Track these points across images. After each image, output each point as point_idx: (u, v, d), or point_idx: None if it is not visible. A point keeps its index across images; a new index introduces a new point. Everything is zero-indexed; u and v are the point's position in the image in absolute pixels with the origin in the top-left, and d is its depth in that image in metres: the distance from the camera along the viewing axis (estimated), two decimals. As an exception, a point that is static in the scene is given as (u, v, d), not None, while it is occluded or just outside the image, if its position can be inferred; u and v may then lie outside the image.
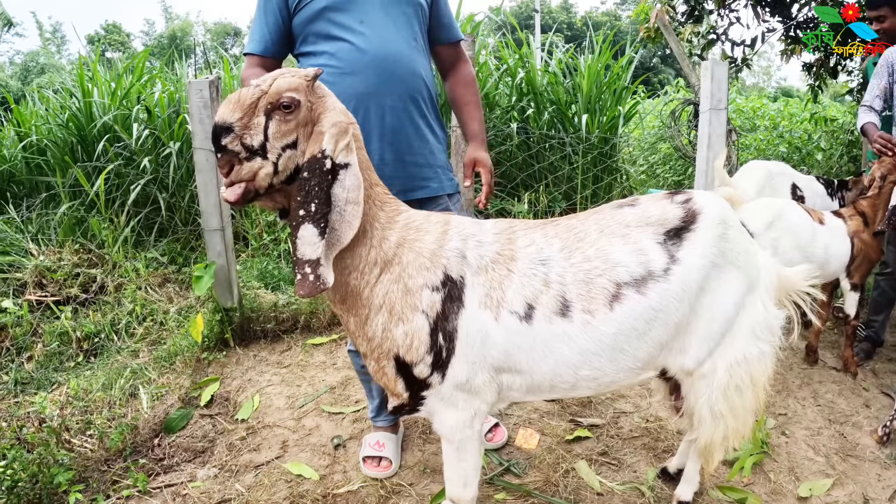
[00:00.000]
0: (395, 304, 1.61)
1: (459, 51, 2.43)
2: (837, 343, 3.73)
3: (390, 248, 1.62)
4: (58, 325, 3.85)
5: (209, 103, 3.10)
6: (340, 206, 1.50)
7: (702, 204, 1.73)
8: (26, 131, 5.52)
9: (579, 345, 1.63)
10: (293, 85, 1.50)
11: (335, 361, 3.44)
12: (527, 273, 1.63)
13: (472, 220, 1.76)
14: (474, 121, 2.39)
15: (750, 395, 1.83)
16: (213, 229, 3.29)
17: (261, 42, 2.17)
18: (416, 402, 1.72)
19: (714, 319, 1.74)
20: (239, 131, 1.47)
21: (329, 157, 1.50)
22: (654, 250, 1.66)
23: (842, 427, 2.83)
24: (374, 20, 2.10)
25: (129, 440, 2.71)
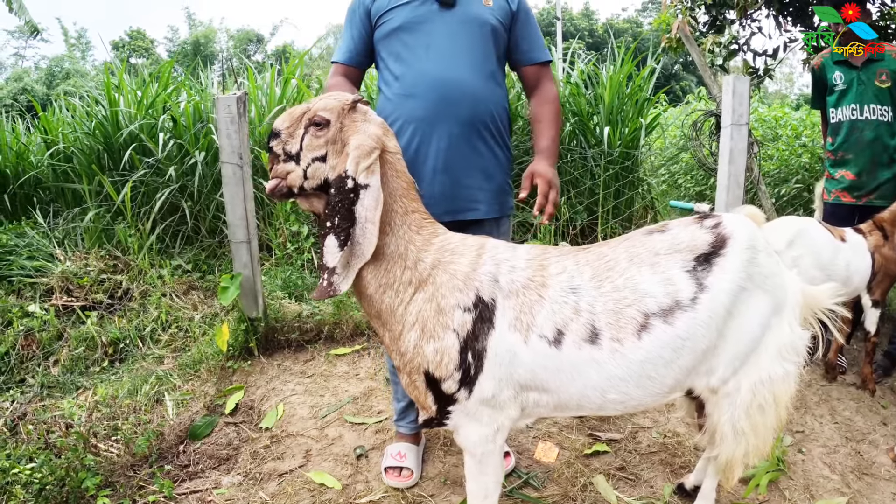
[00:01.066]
0: (428, 323, 1.69)
1: (543, 72, 2.42)
2: (857, 360, 3.71)
3: (425, 269, 1.71)
4: (84, 330, 3.94)
5: (236, 118, 3.16)
6: (362, 223, 1.65)
7: (731, 229, 1.76)
8: (53, 138, 5.64)
9: (607, 371, 1.67)
10: (328, 106, 1.71)
11: (358, 372, 3.49)
12: (557, 300, 1.68)
13: (506, 244, 1.83)
14: (544, 137, 2.37)
15: (772, 413, 1.85)
16: (239, 241, 3.35)
17: (346, 52, 2.32)
18: (443, 416, 1.78)
19: (740, 341, 1.77)
20: (284, 138, 1.75)
21: (351, 177, 1.63)
22: (682, 279, 1.70)
23: (858, 445, 2.83)
24: (441, 44, 2.17)
25: (154, 446, 2.77)
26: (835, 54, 3.66)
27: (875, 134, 3.51)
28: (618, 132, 5.46)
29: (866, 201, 3.58)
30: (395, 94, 2.22)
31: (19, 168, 5.70)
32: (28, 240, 4.81)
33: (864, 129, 3.54)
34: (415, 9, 2.19)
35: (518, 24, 2.34)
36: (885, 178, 3.54)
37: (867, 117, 3.52)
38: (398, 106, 2.20)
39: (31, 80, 19.91)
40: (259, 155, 4.87)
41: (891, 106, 3.51)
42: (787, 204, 6.20)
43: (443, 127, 2.17)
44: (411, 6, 2.20)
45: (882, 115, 3.50)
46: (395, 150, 1.79)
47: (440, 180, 2.21)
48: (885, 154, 3.53)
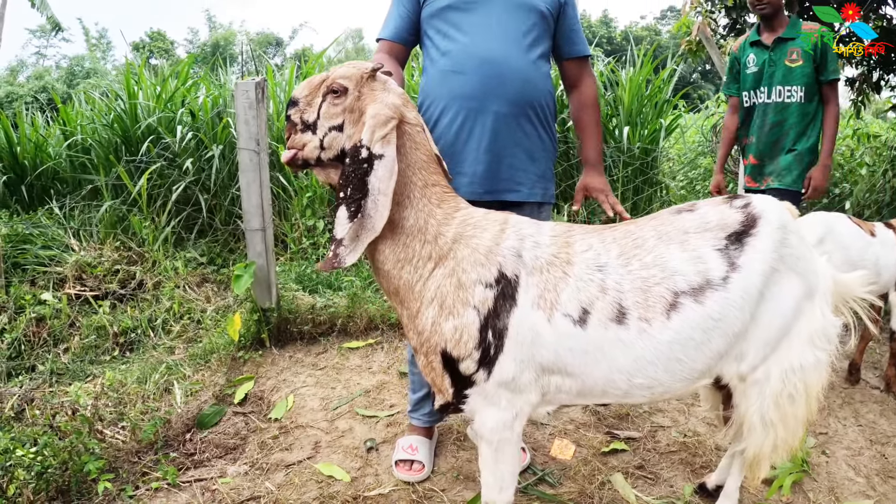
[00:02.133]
0: (447, 298, 1.62)
1: (584, 67, 2.39)
2: (880, 363, 3.62)
3: (446, 244, 1.65)
4: (95, 319, 3.92)
5: (254, 104, 3.13)
6: (374, 195, 1.58)
7: (762, 208, 1.69)
8: (72, 130, 5.66)
9: (635, 352, 1.60)
10: (346, 74, 1.66)
11: (371, 366, 3.42)
12: (583, 278, 1.61)
13: (530, 220, 1.76)
14: (590, 146, 2.37)
15: (802, 404, 1.77)
16: (254, 229, 3.31)
17: (392, 29, 2.29)
18: (460, 400, 1.71)
19: (772, 325, 1.70)
20: (302, 106, 1.70)
21: (366, 147, 1.57)
22: (713, 258, 1.63)
23: (883, 448, 2.74)
24: (491, 25, 2.14)
25: (161, 433, 2.72)
26: (752, 35, 3.50)
27: (780, 116, 3.36)
28: (637, 133, 5.40)
29: (766, 184, 3.44)
30: (440, 71, 2.19)
31: (37, 159, 5.74)
32: (43, 229, 4.81)
33: (770, 111, 3.39)
34: None
35: (565, 17, 2.30)
36: (786, 161, 3.37)
37: (774, 99, 3.36)
38: (444, 82, 2.17)
39: (52, 78, 20.12)
40: (277, 149, 4.85)
41: (801, 86, 3.31)
42: (807, 210, 6.14)
43: (490, 105, 2.13)
44: None
45: (789, 96, 3.33)
46: (415, 122, 1.72)
47: (484, 159, 2.17)
48: (787, 137, 3.36)
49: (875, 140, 6.61)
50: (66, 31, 19.19)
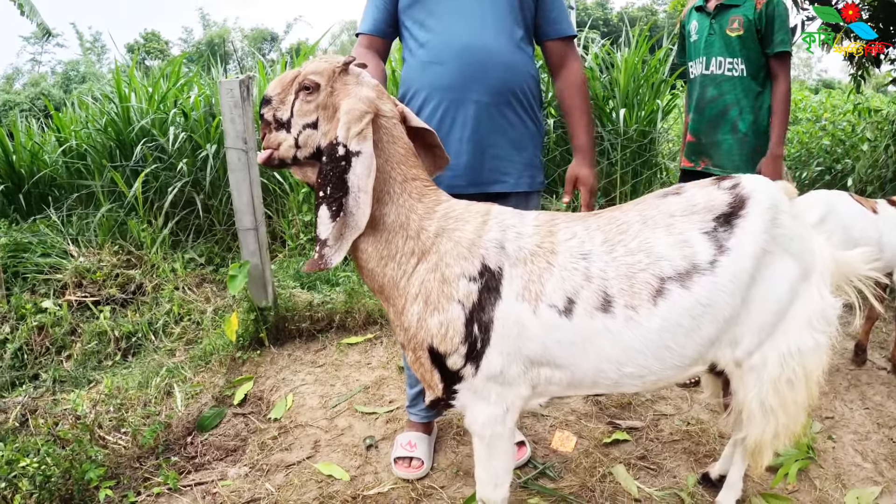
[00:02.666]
0: (432, 294, 1.59)
1: (569, 48, 2.31)
2: (886, 343, 3.58)
3: (428, 238, 1.62)
4: (96, 324, 3.91)
5: (240, 102, 3.10)
6: (354, 192, 1.55)
7: (751, 188, 1.64)
8: (66, 136, 5.65)
9: (622, 341, 1.57)
10: (318, 69, 1.62)
11: (370, 361, 3.41)
12: (567, 267, 1.58)
13: (513, 210, 1.73)
14: (581, 131, 2.28)
15: (802, 388, 1.73)
16: (246, 228, 3.29)
17: (371, 22, 2.25)
18: (449, 396, 1.69)
19: (766, 309, 1.65)
20: (275, 104, 1.67)
21: (342, 144, 1.54)
22: (700, 241, 1.59)
23: (891, 431, 2.71)
24: (468, 11, 2.09)
25: (161, 438, 2.72)
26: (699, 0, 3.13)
27: (718, 91, 3.00)
28: (634, 115, 5.36)
29: (704, 167, 3.09)
30: (420, 62, 2.15)
31: (33, 167, 5.71)
32: (42, 237, 4.80)
33: (708, 85, 3.04)
34: None
35: None
36: (727, 143, 3.02)
37: (713, 71, 3.02)
38: (423, 73, 2.13)
39: (48, 84, 20.11)
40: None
41: (742, 58, 2.96)
42: (808, 188, 6.10)
43: (471, 95, 2.09)
44: None
45: (730, 69, 2.98)
46: (391, 115, 1.67)
47: (466, 150, 2.13)
48: (728, 115, 3.00)
49: (876, 115, 6.54)
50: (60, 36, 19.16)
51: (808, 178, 6.13)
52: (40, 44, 17.39)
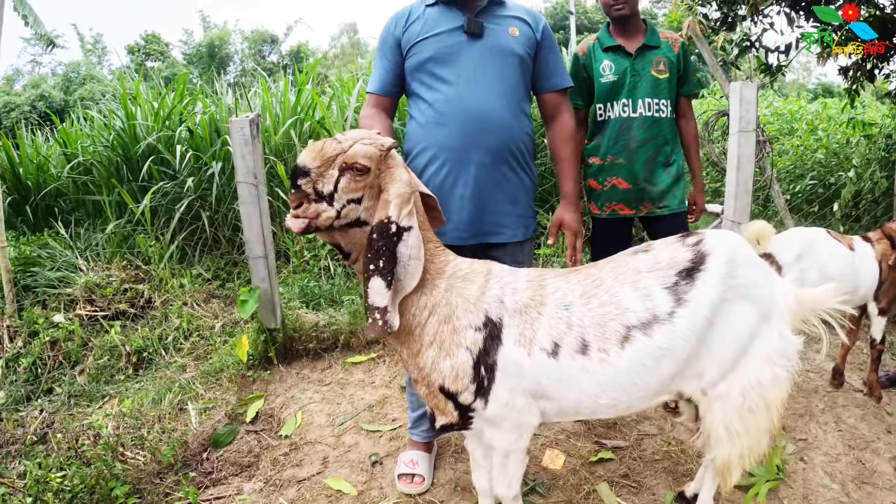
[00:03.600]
0: (445, 342, 1.84)
1: (563, 99, 2.52)
2: (864, 365, 3.72)
3: (439, 294, 1.86)
4: (107, 339, 4.06)
5: (250, 140, 3.27)
6: (405, 261, 1.77)
7: (711, 245, 1.89)
8: (73, 151, 5.79)
9: (597, 378, 1.84)
10: (368, 153, 1.77)
11: (373, 380, 3.60)
12: (553, 316, 1.85)
13: (509, 269, 1.97)
14: (568, 179, 2.50)
15: (764, 416, 1.97)
16: (256, 256, 3.47)
17: (378, 83, 2.43)
18: (466, 423, 1.95)
19: (727, 348, 1.90)
20: (314, 177, 1.76)
21: (395, 223, 1.75)
22: (661, 295, 1.85)
23: (861, 453, 2.87)
24: (470, 75, 2.28)
25: (179, 454, 2.89)
26: (605, 38, 3.05)
27: (648, 133, 2.97)
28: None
29: (648, 211, 3.07)
30: (426, 122, 2.33)
31: (40, 180, 5.86)
32: (51, 251, 4.94)
33: (637, 128, 2.98)
34: (444, 39, 2.30)
35: (542, 52, 2.43)
36: (666, 182, 3.04)
37: (641, 113, 2.97)
38: (429, 133, 2.32)
39: (49, 86, 20.11)
40: (274, 165, 4.99)
41: (668, 99, 2.99)
42: (802, 201, 6.19)
43: (473, 156, 2.29)
44: (440, 37, 2.30)
45: (658, 111, 2.98)
46: (419, 186, 1.91)
47: (468, 206, 2.33)
48: (662, 155, 3.01)
49: (870, 128, 6.63)
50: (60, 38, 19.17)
51: (802, 191, 6.20)
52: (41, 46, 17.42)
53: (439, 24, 2.31)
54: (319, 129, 5.49)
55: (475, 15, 2.31)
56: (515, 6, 2.43)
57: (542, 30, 2.42)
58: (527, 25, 2.39)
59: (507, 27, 2.34)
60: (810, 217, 5.83)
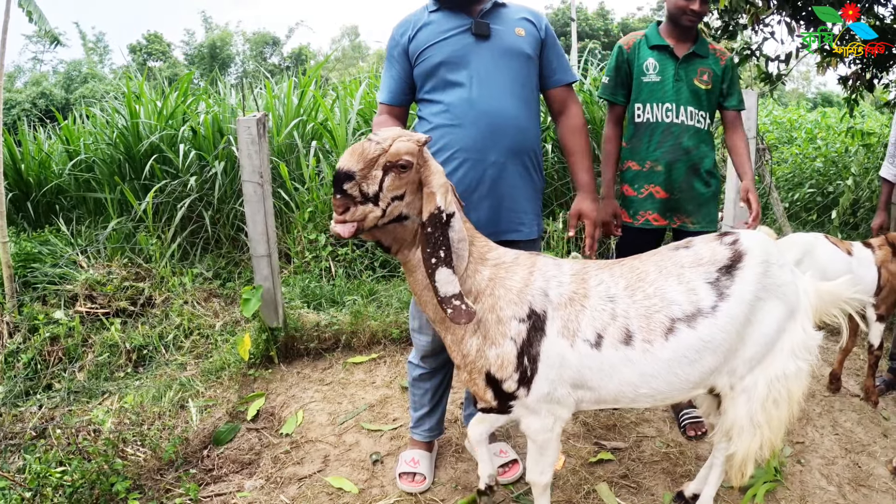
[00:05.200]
0: (489, 331, 1.91)
1: (570, 94, 2.54)
2: (861, 370, 3.76)
3: (483, 281, 1.93)
4: (108, 336, 4.07)
5: (256, 139, 3.30)
6: (455, 244, 1.86)
7: (748, 245, 1.98)
8: (75, 148, 5.81)
9: (640, 369, 1.91)
10: (409, 150, 1.81)
11: (374, 380, 3.61)
12: (597, 308, 1.92)
13: (553, 261, 2.03)
14: (582, 170, 2.51)
15: (786, 407, 2.05)
16: (260, 255, 3.49)
17: (388, 92, 2.46)
18: (505, 409, 2.02)
19: (758, 343, 1.98)
20: (359, 179, 1.78)
21: (444, 212, 1.82)
22: (704, 289, 1.92)
23: (857, 456, 2.90)
24: (484, 76, 2.30)
25: (180, 451, 2.90)
26: (654, 35, 2.91)
27: (692, 142, 2.85)
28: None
29: (680, 224, 2.93)
30: (440, 124, 2.34)
31: (41, 177, 5.87)
32: (52, 247, 4.95)
33: (680, 135, 2.85)
34: (453, 44, 2.31)
35: (547, 49, 2.46)
36: (704, 196, 2.92)
37: (684, 121, 2.84)
38: (446, 134, 2.33)
39: (50, 84, 20.12)
40: (277, 166, 5.01)
41: (707, 112, 2.88)
42: (801, 209, 6.22)
43: (490, 156, 2.31)
44: (449, 42, 2.32)
45: (699, 122, 2.86)
46: None
47: (486, 205, 2.35)
48: (701, 168, 2.89)
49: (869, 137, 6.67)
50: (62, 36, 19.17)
51: (801, 199, 6.24)
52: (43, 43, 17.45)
53: (446, 28, 2.33)
54: (322, 131, 5.51)
55: (479, 17, 2.33)
56: (517, 7, 2.45)
57: (545, 28, 2.45)
58: (531, 25, 2.41)
59: (513, 28, 2.36)
60: (809, 225, 5.87)
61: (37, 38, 20.49)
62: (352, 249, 4.91)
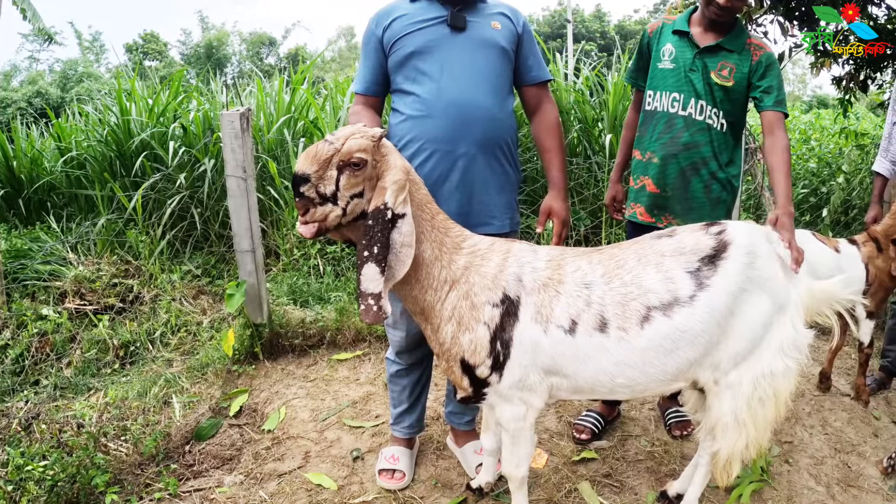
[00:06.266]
0: (463, 317, 1.92)
1: (544, 92, 2.53)
2: (852, 369, 3.74)
3: (458, 270, 1.93)
4: (96, 333, 4.05)
5: (240, 133, 3.27)
6: (396, 248, 1.81)
7: (733, 235, 1.95)
8: (67, 145, 5.79)
9: (615, 357, 1.89)
10: (362, 146, 1.79)
11: (358, 377, 3.59)
12: (572, 294, 1.90)
13: (529, 247, 2.01)
14: (554, 168, 2.50)
15: (772, 406, 2.01)
16: (244, 250, 3.47)
17: (363, 82, 2.44)
18: (479, 396, 2.02)
19: (743, 338, 1.95)
20: (315, 181, 1.78)
21: (390, 209, 1.78)
22: (683, 279, 1.90)
23: (847, 456, 2.87)
24: (455, 67, 2.28)
25: (161, 446, 2.88)
26: (681, 21, 2.67)
27: (693, 139, 2.61)
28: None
29: (667, 225, 2.68)
30: (410, 115, 2.32)
31: (33, 173, 5.85)
32: (42, 244, 4.94)
33: (682, 128, 2.62)
34: (427, 34, 2.29)
35: (523, 46, 2.44)
36: (699, 201, 2.68)
37: (690, 114, 2.60)
38: (415, 126, 2.31)
39: (46, 83, 20.07)
40: (266, 163, 4.99)
41: (723, 111, 2.60)
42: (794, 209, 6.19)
43: (460, 147, 2.29)
44: (423, 32, 2.30)
45: (710, 118, 2.60)
46: (412, 169, 1.95)
47: (456, 197, 2.33)
48: (705, 169, 2.65)
49: (863, 138, 6.65)
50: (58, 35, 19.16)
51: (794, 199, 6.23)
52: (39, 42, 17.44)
53: (422, 19, 2.31)
54: (313, 129, 5.49)
55: (457, 10, 2.31)
56: (495, 3, 2.44)
57: (521, 24, 2.43)
58: (508, 19, 2.39)
59: (489, 21, 2.35)
60: (801, 225, 5.84)
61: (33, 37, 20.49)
62: (340, 248, 4.89)
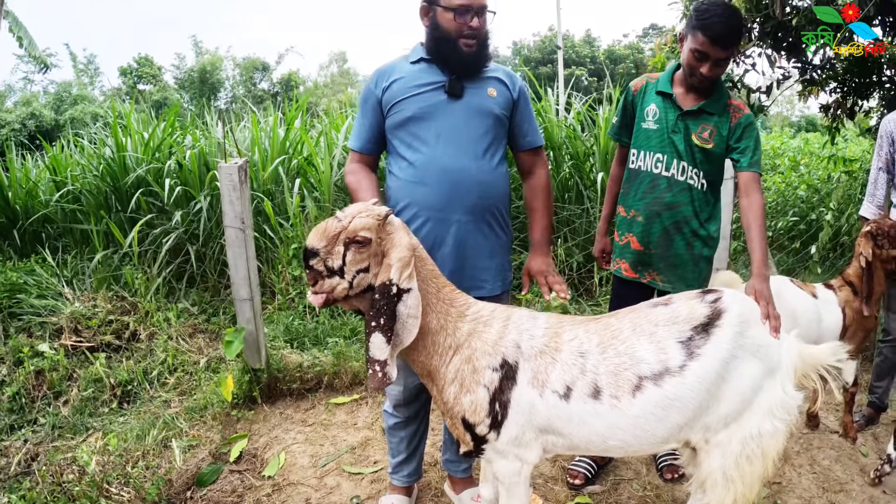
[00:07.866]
0: (465, 379, 2.02)
1: (538, 156, 2.62)
2: (840, 405, 3.74)
3: (462, 336, 2.04)
4: (92, 370, 4.07)
5: (238, 186, 3.34)
6: (403, 319, 1.91)
7: (728, 304, 2.05)
8: (62, 179, 5.81)
9: (607, 421, 1.98)
10: (367, 225, 1.92)
11: (356, 421, 3.64)
12: (567, 362, 2.00)
13: (529, 314, 2.12)
14: (537, 229, 2.62)
15: (759, 465, 2.09)
16: (243, 299, 3.52)
17: (359, 140, 2.51)
18: (479, 451, 2.11)
19: (732, 402, 2.03)
20: (323, 256, 1.91)
21: (395, 285, 1.89)
22: (674, 349, 1.99)
23: (835, 496, 2.93)
24: (450, 134, 2.36)
25: (163, 492, 2.91)
26: (664, 81, 2.74)
27: (676, 199, 2.70)
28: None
29: (650, 281, 2.81)
30: (406, 181, 2.40)
31: (29, 205, 5.86)
32: (37, 278, 4.95)
33: (665, 189, 2.71)
34: (425, 99, 2.36)
35: (518, 112, 2.52)
36: (681, 259, 2.76)
37: (673, 174, 2.69)
38: (410, 192, 2.39)
39: (40, 104, 20.07)
40: (261, 202, 5.04)
41: (703, 171, 2.68)
42: (784, 237, 6.25)
43: (453, 214, 2.37)
44: (421, 97, 2.36)
45: (692, 178, 2.68)
46: (419, 245, 2.05)
47: (449, 263, 2.40)
48: (687, 228, 2.73)
49: (851, 164, 6.70)
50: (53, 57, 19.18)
51: (784, 227, 6.25)
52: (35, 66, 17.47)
53: (421, 83, 2.38)
54: (307, 167, 5.55)
55: (455, 77, 2.38)
56: (493, 66, 2.51)
57: (518, 90, 2.51)
58: (504, 86, 2.47)
59: (486, 88, 2.42)
60: (792, 254, 5.91)
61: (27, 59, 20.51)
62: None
